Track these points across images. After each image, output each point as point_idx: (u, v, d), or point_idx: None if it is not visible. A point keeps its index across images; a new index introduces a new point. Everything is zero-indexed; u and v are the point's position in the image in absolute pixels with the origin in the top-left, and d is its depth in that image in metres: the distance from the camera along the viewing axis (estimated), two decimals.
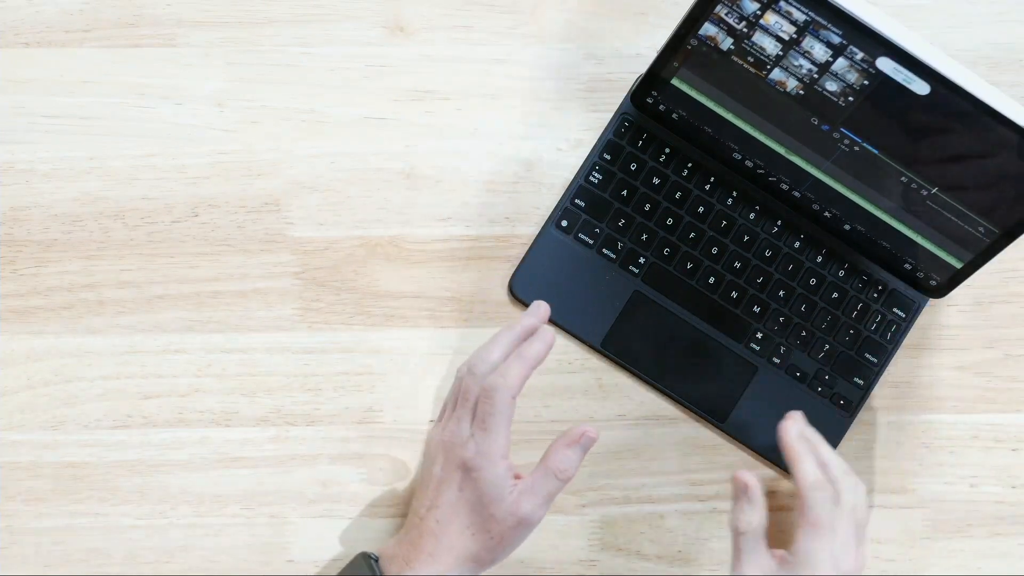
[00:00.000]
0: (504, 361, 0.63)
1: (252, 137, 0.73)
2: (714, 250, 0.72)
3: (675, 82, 0.69)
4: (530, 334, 0.64)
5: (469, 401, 0.62)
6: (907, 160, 0.65)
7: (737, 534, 0.64)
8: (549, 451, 0.63)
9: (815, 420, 0.72)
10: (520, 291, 0.72)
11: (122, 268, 0.72)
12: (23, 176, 0.72)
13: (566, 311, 0.72)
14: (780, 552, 0.64)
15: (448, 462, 0.62)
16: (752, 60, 0.65)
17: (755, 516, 0.64)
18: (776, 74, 0.65)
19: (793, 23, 0.62)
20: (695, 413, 0.73)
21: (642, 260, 0.72)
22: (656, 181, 0.72)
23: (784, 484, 0.73)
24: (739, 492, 0.65)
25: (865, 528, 0.65)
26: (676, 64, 0.67)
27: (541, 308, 0.66)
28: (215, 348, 0.72)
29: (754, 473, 0.66)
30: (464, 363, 0.65)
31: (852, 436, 0.73)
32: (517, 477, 0.63)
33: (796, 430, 0.66)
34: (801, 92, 0.65)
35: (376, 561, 0.63)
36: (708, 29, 0.64)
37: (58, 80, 0.72)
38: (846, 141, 0.66)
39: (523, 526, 0.62)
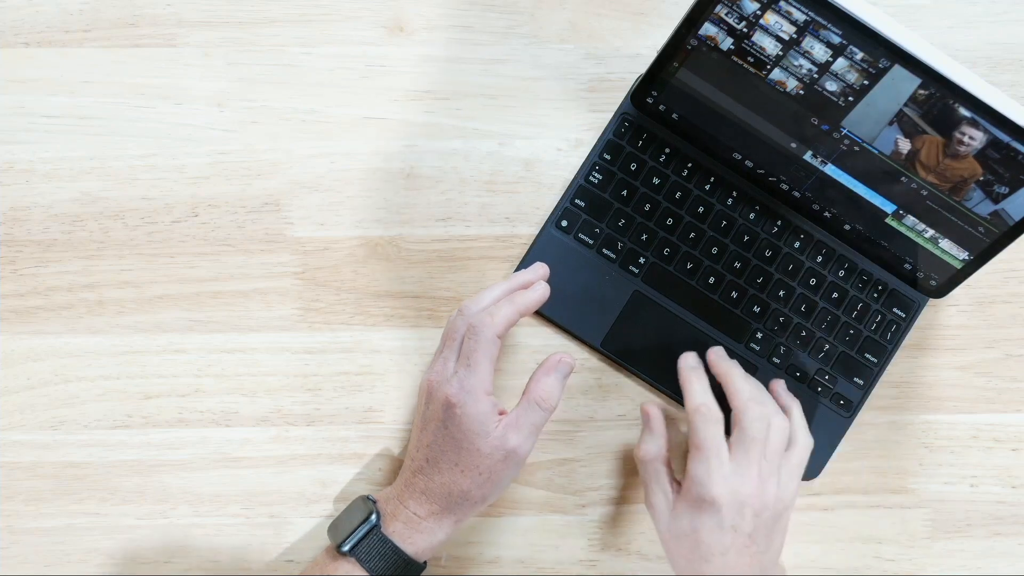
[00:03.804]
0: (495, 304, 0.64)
1: (252, 137, 0.73)
2: (714, 250, 0.72)
3: (675, 82, 0.69)
4: (525, 288, 0.66)
5: (455, 341, 0.63)
6: (907, 160, 0.65)
7: (640, 463, 0.67)
8: (529, 383, 0.64)
9: (815, 420, 0.72)
10: None
11: (122, 268, 0.72)
12: (23, 176, 0.72)
13: (566, 311, 0.72)
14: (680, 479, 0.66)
15: (434, 400, 0.63)
16: (752, 60, 0.65)
17: (654, 445, 0.67)
18: (776, 74, 0.65)
19: (793, 23, 0.62)
20: None
21: (642, 260, 0.72)
22: (656, 181, 0.72)
23: None
24: (644, 422, 0.68)
25: (780, 457, 0.64)
26: (676, 64, 0.67)
27: (540, 268, 0.67)
28: (215, 348, 0.72)
29: (659, 405, 0.68)
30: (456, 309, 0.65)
31: (852, 436, 0.73)
32: (502, 413, 0.63)
33: (687, 362, 0.68)
34: (801, 92, 0.65)
35: (375, 503, 0.64)
36: (708, 29, 0.64)
37: (58, 80, 0.72)
38: (846, 141, 0.66)
39: (511, 460, 0.62)
